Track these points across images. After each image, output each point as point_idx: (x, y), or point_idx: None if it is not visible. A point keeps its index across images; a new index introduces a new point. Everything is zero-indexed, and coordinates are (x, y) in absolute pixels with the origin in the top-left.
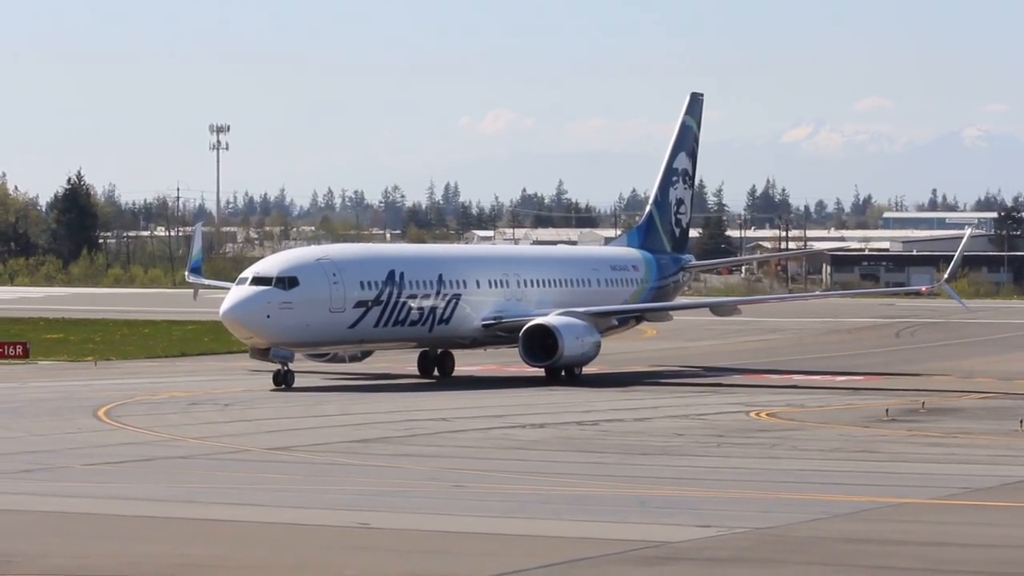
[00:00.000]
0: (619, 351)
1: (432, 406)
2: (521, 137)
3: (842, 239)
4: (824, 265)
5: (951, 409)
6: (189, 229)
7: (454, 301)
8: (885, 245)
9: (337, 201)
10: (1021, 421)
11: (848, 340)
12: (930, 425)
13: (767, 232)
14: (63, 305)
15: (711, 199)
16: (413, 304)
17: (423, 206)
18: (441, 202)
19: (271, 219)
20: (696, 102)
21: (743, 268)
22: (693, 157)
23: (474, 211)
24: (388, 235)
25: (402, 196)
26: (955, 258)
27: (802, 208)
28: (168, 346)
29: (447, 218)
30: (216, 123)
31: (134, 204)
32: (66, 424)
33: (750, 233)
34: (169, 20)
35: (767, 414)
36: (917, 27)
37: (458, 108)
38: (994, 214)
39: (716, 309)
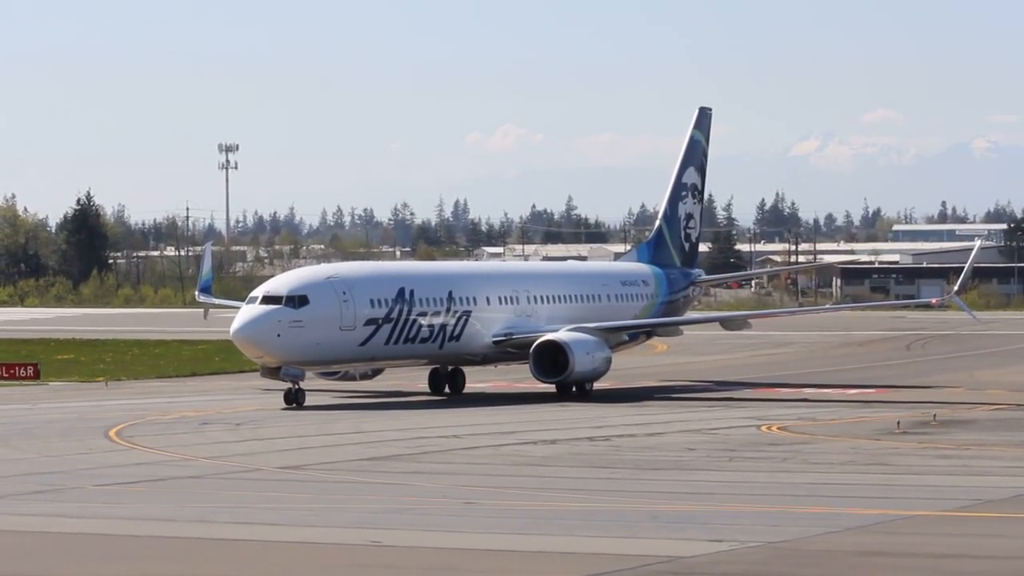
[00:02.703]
0: (630, 366)
1: (443, 423)
2: (530, 153)
3: (852, 252)
4: (834, 278)
5: (963, 421)
6: (199, 249)
7: (464, 318)
8: (895, 258)
9: (346, 219)
10: None
11: (859, 353)
12: (942, 437)
13: (777, 246)
14: (73, 326)
15: (720, 213)
16: (423, 321)
17: (432, 223)
18: (450, 219)
19: (281, 238)
20: (704, 116)
21: (753, 282)
22: (702, 171)
23: (483, 228)
24: (398, 252)
25: (411, 213)
26: (965, 270)
27: (811, 221)
28: (179, 366)
29: (457, 235)
30: (225, 142)
31: (144, 224)
32: (77, 445)
33: (760, 247)
34: (177, 40)
35: (779, 428)
36: (925, 39)
37: (467, 125)
38: (1004, 225)
39: (727, 323)
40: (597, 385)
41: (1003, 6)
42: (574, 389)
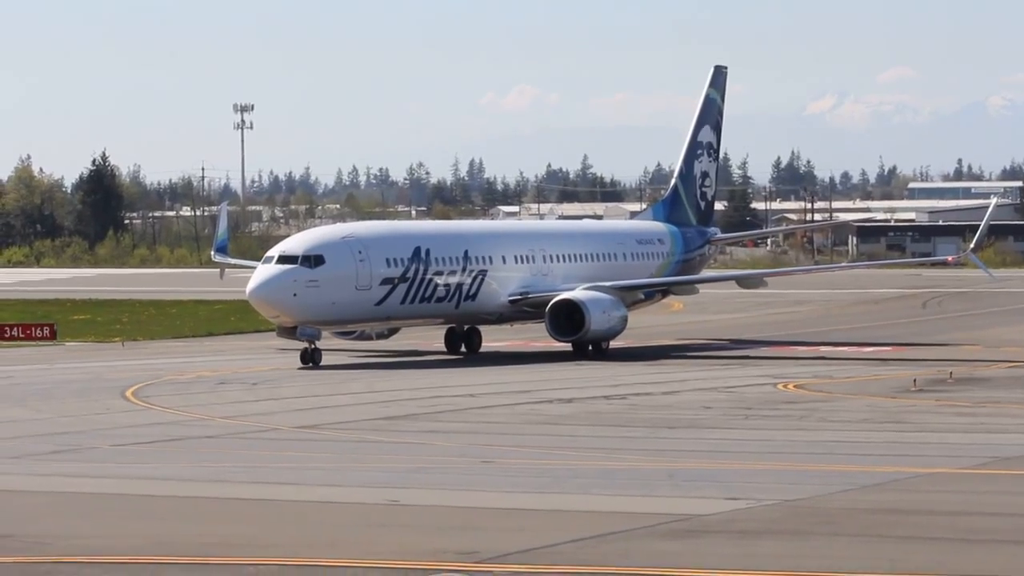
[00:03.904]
0: (646, 325)
1: (459, 382)
2: (545, 112)
3: (868, 210)
4: (850, 236)
5: (979, 379)
6: (214, 209)
7: (480, 277)
8: (911, 215)
9: (362, 179)
10: None
11: (875, 311)
12: (958, 395)
13: (792, 204)
14: (90, 286)
15: (736, 172)
16: (439, 281)
17: (448, 182)
18: (466, 178)
19: (296, 198)
20: (720, 75)
21: (769, 240)
22: (717, 130)
23: (499, 187)
24: (413, 212)
25: (427, 173)
26: (981, 228)
27: (827, 180)
28: (195, 326)
29: (472, 194)
30: (240, 102)
31: (159, 184)
32: (94, 405)
33: (775, 205)
34: None
35: (795, 386)
36: None
37: (482, 84)
38: (1020, 183)
39: (742, 282)
40: (613, 344)
41: None
42: (590, 348)
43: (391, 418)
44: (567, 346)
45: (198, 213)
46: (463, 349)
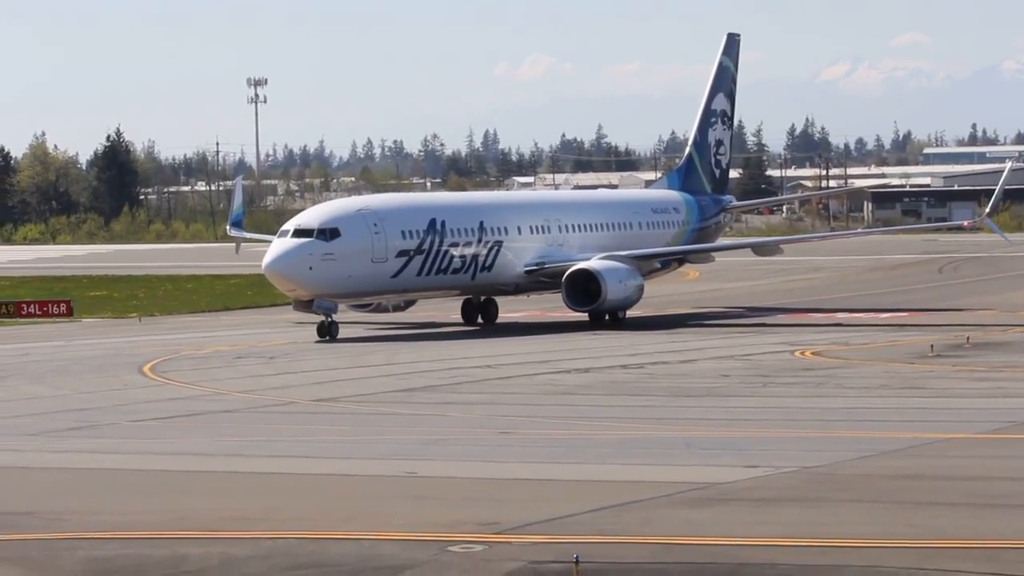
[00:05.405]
0: (662, 294)
1: (477, 353)
2: (559, 82)
3: (883, 176)
4: (865, 202)
5: (996, 343)
6: (229, 183)
7: (496, 248)
8: (926, 181)
9: (376, 151)
10: None
11: (891, 277)
12: (975, 360)
13: (807, 171)
14: (106, 262)
15: (750, 139)
16: (455, 252)
17: (463, 154)
18: (480, 149)
19: (311, 171)
20: (733, 42)
21: (784, 208)
22: (731, 98)
23: (514, 157)
24: (428, 184)
25: (441, 144)
26: (996, 192)
27: (842, 146)
28: (211, 300)
29: (487, 165)
30: (254, 76)
31: (174, 159)
32: (112, 381)
33: (790, 172)
34: None
35: (812, 353)
36: None
37: (495, 54)
38: None
39: (758, 249)
40: (630, 313)
41: None
42: (607, 317)
43: (408, 390)
44: (584, 316)
45: (213, 188)
46: (480, 320)
